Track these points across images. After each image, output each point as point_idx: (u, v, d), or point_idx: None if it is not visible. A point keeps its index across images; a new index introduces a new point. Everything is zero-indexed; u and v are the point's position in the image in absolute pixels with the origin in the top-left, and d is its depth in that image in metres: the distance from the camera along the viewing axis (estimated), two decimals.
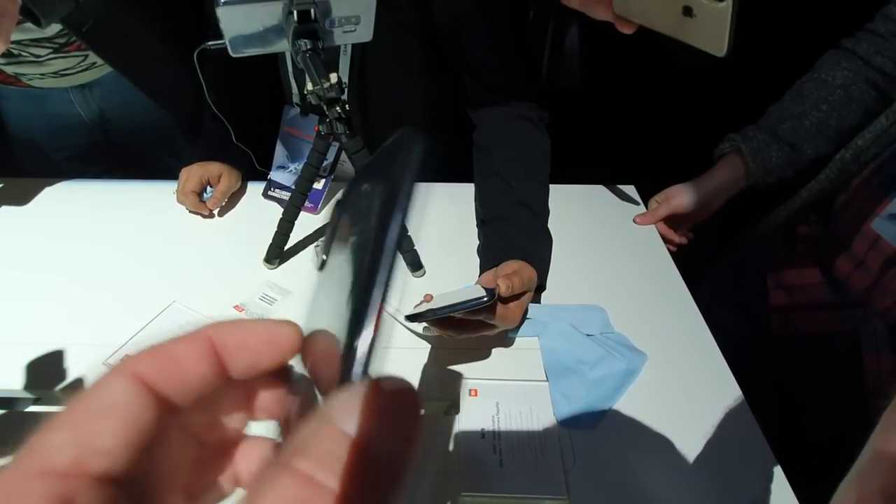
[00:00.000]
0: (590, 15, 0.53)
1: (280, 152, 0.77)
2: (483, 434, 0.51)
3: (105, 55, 0.78)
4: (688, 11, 0.46)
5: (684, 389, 0.56)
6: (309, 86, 0.53)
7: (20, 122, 0.87)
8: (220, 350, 0.14)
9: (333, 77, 0.53)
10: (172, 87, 0.86)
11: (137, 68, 0.82)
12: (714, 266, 0.82)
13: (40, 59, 0.78)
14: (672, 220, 0.77)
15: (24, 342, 0.57)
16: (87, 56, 0.80)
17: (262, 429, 0.17)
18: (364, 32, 0.56)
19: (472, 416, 0.52)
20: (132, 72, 0.81)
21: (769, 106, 0.70)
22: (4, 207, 0.77)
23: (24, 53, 0.77)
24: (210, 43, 0.54)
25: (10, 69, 0.80)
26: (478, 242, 0.71)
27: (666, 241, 0.76)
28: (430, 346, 0.59)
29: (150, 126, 0.90)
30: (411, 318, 0.49)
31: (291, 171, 0.77)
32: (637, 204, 0.81)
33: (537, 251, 0.59)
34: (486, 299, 0.48)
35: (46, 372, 0.55)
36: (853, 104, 0.63)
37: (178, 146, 0.94)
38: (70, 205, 0.79)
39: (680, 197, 0.74)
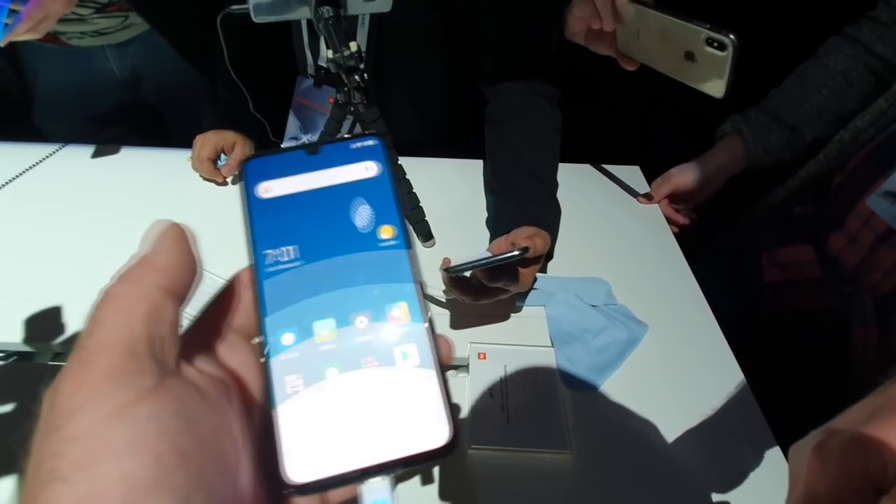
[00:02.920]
0: (593, 50, 0.55)
1: (293, 123, 0.79)
2: (491, 393, 0.53)
3: (147, 16, 0.79)
4: (689, 56, 0.48)
5: (682, 358, 0.59)
6: (329, 53, 0.54)
7: (52, 80, 0.87)
8: None
9: (353, 45, 0.54)
10: (207, 49, 0.87)
11: (176, 29, 0.83)
12: (711, 245, 0.85)
13: (83, 18, 0.79)
14: (674, 200, 0.79)
15: (45, 299, 0.59)
16: (127, 16, 0.82)
17: None
18: (384, 3, 0.57)
19: (480, 378, 0.55)
20: (171, 33, 0.83)
21: (772, 90, 0.72)
22: (25, 172, 0.78)
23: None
24: (234, 7, 0.55)
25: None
26: (486, 215, 0.73)
27: (670, 221, 0.78)
28: (446, 312, 0.61)
29: (179, 85, 0.91)
30: (450, 270, 0.51)
31: (304, 142, 0.78)
32: (641, 185, 0.83)
33: (547, 220, 0.61)
34: (518, 254, 0.50)
35: (67, 327, 0.57)
36: (852, 89, 0.65)
37: (203, 108, 0.95)
38: (86, 170, 0.80)
39: (681, 176, 0.76)
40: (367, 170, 0.21)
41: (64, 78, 0.87)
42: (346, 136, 0.22)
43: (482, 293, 0.56)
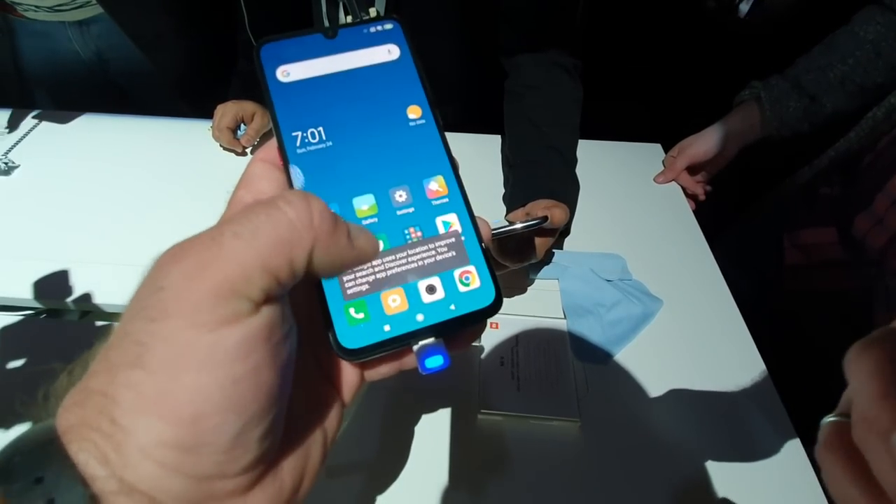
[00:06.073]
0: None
1: None
2: (502, 362, 0.54)
3: None
4: None
5: (697, 335, 0.58)
6: (348, 19, 0.54)
7: (24, 58, 0.87)
8: None
9: (373, 11, 0.54)
10: (162, 37, 0.86)
11: (125, 11, 0.81)
12: (732, 225, 0.84)
13: None
14: (690, 172, 0.78)
15: (72, 260, 0.61)
16: None
17: None
18: None
19: (492, 347, 0.55)
20: (120, 14, 0.81)
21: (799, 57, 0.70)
22: (53, 139, 0.80)
23: None
24: None
25: None
26: (503, 192, 0.73)
27: (688, 195, 0.77)
28: None
29: (148, 69, 0.89)
30: None
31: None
32: (663, 163, 0.82)
33: (566, 194, 0.60)
34: (536, 222, 0.51)
35: (92, 288, 0.59)
36: (880, 61, 0.63)
37: (172, 95, 0.94)
38: (108, 137, 0.81)
39: (695, 146, 0.75)
40: (387, 52, 0.21)
41: (33, 57, 0.86)
42: (365, 19, 0.21)
43: (495, 264, 0.56)
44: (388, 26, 0.21)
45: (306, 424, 0.18)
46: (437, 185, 0.20)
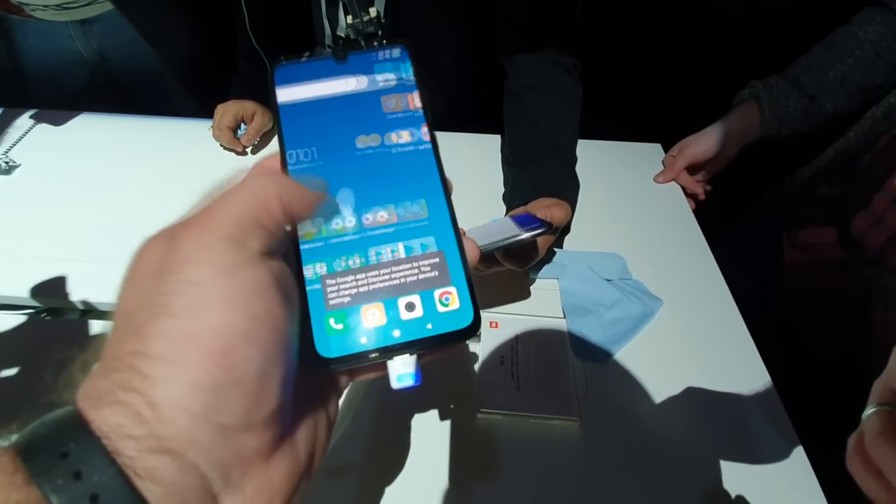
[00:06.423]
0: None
1: None
2: (502, 361, 0.54)
3: None
4: None
5: (697, 334, 0.58)
6: (348, 19, 0.55)
7: (25, 57, 0.87)
8: None
9: (373, 11, 0.54)
10: (168, 32, 0.86)
11: (133, 8, 0.82)
12: (732, 225, 0.84)
13: None
14: (690, 172, 0.78)
15: (72, 260, 0.61)
16: None
17: None
18: None
19: (492, 346, 0.55)
20: (128, 10, 0.82)
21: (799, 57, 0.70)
22: (53, 138, 0.80)
23: None
24: None
25: None
26: (503, 192, 0.73)
27: (688, 195, 0.77)
28: None
29: (150, 68, 0.89)
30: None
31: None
32: (663, 163, 0.82)
33: (566, 192, 0.61)
34: (538, 232, 0.50)
35: (92, 287, 0.59)
36: (879, 61, 0.63)
37: (175, 93, 0.94)
38: (107, 136, 0.81)
39: (694, 146, 0.75)
40: (393, 77, 0.22)
41: (33, 56, 0.86)
42: (374, 45, 0.22)
43: (493, 262, 0.56)
44: (396, 52, 0.22)
45: (312, 405, 0.19)
46: (426, 206, 0.20)
